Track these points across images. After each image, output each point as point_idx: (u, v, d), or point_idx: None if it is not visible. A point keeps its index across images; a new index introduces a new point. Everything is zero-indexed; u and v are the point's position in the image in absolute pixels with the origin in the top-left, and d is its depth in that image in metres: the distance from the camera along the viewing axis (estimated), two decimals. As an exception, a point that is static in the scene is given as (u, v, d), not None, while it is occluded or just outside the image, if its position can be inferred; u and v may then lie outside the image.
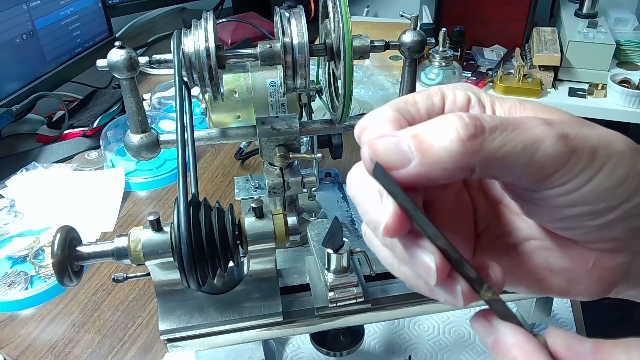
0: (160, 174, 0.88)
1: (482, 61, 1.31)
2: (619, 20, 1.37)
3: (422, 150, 0.21)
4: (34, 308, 0.66)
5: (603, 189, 0.22)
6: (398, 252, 0.23)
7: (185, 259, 0.39)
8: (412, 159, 0.21)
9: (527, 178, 0.22)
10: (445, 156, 0.20)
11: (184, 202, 0.40)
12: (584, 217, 0.23)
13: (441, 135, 0.21)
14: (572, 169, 0.21)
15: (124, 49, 0.52)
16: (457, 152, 0.20)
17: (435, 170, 0.21)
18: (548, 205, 0.23)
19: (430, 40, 0.56)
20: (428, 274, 0.22)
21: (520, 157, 0.21)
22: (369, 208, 0.23)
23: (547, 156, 0.21)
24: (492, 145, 0.21)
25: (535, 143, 0.21)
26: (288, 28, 0.50)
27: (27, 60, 0.95)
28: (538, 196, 0.23)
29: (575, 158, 0.21)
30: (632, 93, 1.16)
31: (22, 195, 0.83)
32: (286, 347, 0.61)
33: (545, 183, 0.22)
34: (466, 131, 0.20)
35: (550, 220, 0.25)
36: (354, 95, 0.94)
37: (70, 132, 1.00)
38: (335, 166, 0.87)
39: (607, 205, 0.22)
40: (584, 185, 0.22)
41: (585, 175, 0.22)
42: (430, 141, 0.21)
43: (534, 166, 0.21)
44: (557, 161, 0.21)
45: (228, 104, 0.62)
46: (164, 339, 0.46)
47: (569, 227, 0.24)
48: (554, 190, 0.22)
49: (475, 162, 0.21)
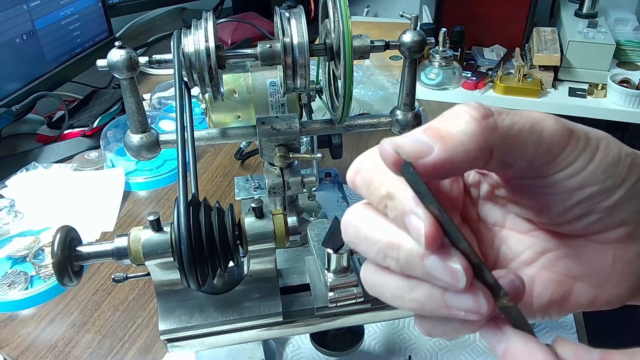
0: (160, 174, 0.88)
1: (482, 61, 1.31)
2: (619, 20, 1.37)
3: (440, 137, 0.21)
4: (34, 308, 0.66)
5: (605, 167, 0.23)
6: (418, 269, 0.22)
7: (185, 259, 0.39)
8: (434, 147, 0.21)
9: (539, 158, 0.23)
10: (466, 137, 0.21)
11: (184, 202, 0.40)
12: (595, 198, 0.23)
13: (456, 121, 0.22)
14: (575, 148, 0.23)
15: (124, 49, 0.52)
16: (476, 131, 0.21)
17: (459, 153, 0.21)
18: (560, 191, 0.24)
19: (430, 40, 0.56)
20: (456, 279, 0.21)
21: (531, 134, 0.22)
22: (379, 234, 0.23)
23: (553, 134, 0.22)
24: (505, 124, 0.22)
25: (539, 122, 0.22)
26: (288, 28, 0.50)
27: (27, 60, 0.95)
28: (550, 183, 0.24)
29: (575, 138, 0.23)
30: (632, 93, 1.16)
31: (22, 195, 0.83)
32: (286, 347, 0.61)
33: (555, 163, 0.23)
34: (478, 112, 0.22)
35: (564, 211, 0.25)
36: (354, 95, 0.94)
37: (70, 132, 1.00)
38: (335, 166, 0.87)
39: (613, 182, 0.23)
40: (588, 163, 0.23)
41: (587, 154, 0.23)
42: (446, 128, 0.21)
43: (544, 144, 0.22)
44: (562, 139, 0.22)
45: (228, 104, 0.62)
46: (164, 339, 0.46)
47: (583, 215, 0.24)
48: (564, 172, 0.23)
49: (493, 141, 0.22)
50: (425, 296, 0.23)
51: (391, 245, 0.23)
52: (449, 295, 0.22)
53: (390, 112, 0.62)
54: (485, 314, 0.22)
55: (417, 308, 0.24)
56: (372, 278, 0.25)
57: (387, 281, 0.24)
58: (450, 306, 0.22)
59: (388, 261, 0.23)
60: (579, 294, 0.26)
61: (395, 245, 0.23)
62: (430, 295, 0.23)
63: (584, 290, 0.26)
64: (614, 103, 1.19)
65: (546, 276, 0.26)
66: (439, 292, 0.23)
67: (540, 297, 0.26)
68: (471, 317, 0.22)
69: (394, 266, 0.23)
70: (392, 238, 0.23)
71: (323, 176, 0.84)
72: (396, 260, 0.23)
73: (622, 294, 0.26)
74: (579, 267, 0.26)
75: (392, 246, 0.23)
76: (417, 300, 0.23)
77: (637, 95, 1.15)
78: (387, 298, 0.24)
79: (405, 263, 0.23)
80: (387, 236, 0.23)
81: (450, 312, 0.23)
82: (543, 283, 0.26)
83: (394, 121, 0.61)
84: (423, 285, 0.23)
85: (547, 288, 0.26)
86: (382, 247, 0.23)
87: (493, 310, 0.22)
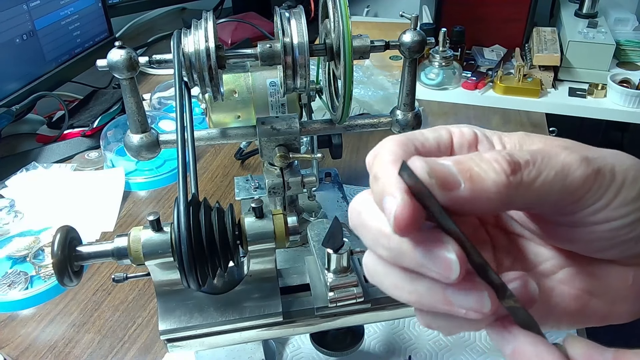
0: (160, 174, 0.88)
1: (482, 61, 1.31)
2: (619, 20, 1.37)
3: (469, 178, 0.21)
4: (34, 308, 0.66)
5: (630, 200, 0.23)
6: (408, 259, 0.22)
7: (185, 259, 0.39)
8: (461, 184, 0.21)
9: (563, 202, 0.22)
10: (493, 188, 0.21)
11: (184, 202, 0.40)
12: (620, 230, 0.23)
13: (488, 168, 0.21)
14: (600, 187, 0.23)
15: (124, 49, 0.52)
16: (504, 184, 0.21)
17: (482, 199, 0.21)
18: (585, 225, 0.23)
19: (430, 40, 0.56)
20: (448, 269, 0.21)
21: (555, 184, 0.22)
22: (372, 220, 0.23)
23: (577, 178, 0.22)
24: (530, 178, 0.22)
25: (564, 169, 0.22)
26: (288, 28, 0.50)
27: (27, 60, 0.95)
28: (575, 219, 0.23)
29: (601, 176, 0.23)
30: (632, 93, 1.16)
31: (22, 195, 0.83)
32: (286, 347, 0.61)
33: (580, 204, 0.23)
34: (509, 167, 0.21)
35: (589, 242, 0.24)
36: (354, 95, 0.94)
37: (70, 132, 1.00)
38: (335, 166, 0.87)
39: (637, 216, 0.23)
40: (614, 199, 0.23)
41: (613, 190, 0.23)
42: (477, 171, 0.21)
43: (568, 189, 0.22)
44: (587, 182, 0.22)
45: (228, 104, 0.62)
46: (164, 339, 0.46)
47: (608, 247, 0.24)
48: (589, 209, 0.23)
49: (516, 195, 0.21)
50: (426, 289, 0.23)
51: (381, 232, 0.22)
52: (450, 291, 0.22)
53: (390, 112, 0.62)
54: (488, 314, 0.22)
55: (417, 301, 0.23)
56: (373, 266, 0.24)
57: (388, 270, 0.24)
58: (452, 303, 0.22)
59: (380, 250, 0.23)
60: (594, 310, 0.26)
61: (385, 234, 0.22)
62: (430, 288, 0.22)
63: (600, 306, 0.26)
64: (614, 103, 1.19)
65: (564, 290, 0.26)
66: (440, 287, 0.22)
67: (555, 309, 0.26)
68: (472, 316, 0.22)
69: (386, 256, 0.23)
70: (384, 227, 0.22)
71: (323, 176, 0.84)
72: (387, 250, 0.22)
73: (635, 311, 0.26)
74: (598, 285, 0.26)
75: (382, 234, 0.22)
76: (417, 292, 0.23)
77: (637, 95, 1.15)
78: (387, 288, 0.24)
79: (397, 253, 0.22)
80: (379, 224, 0.22)
81: (451, 308, 0.22)
82: (560, 296, 0.26)
83: (394, 121, 0.61)
84: (424, 277, 0.22)
85: (563, 301, 0.26)
86: (374, 234, 0.23)
87: (497, 310, 0.22)
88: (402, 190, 0.21)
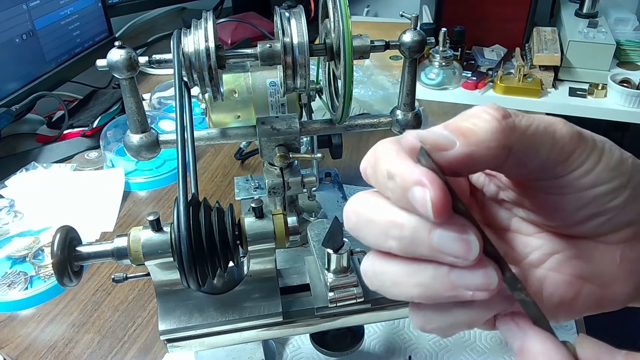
0: (160, 174, 0.88)
1: (482, 61, 1.31)
2: (619, 20, 1.37)
3: (462, 133, 0.22)
4: (33, 308, 0.66)
5: (612, 166, 0.24)
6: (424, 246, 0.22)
7: (185, 259, 0.39)
8: (456, 141, 0.21)
9: (553, 159, 0.23)
10: (488, 135, 0.22)
11: (183, 202, 0.40)
12: (605, 197, 0.24)
13: (477, 119, 0.22)
14: (585, 149, 0.24)
15: (124, 48, 0.52)
16: (497, 128, 0.22)
17: (481, 149, 0.21)
18: (573, 191, 0.24)
19: (430, 40, 0.56)
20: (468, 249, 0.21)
21: (546, 135, 0.23)
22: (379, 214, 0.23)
23: (564, 135, 0.23)
24: (522, 124, 0.22)
25: (552, 124, 0.23)
26: (288, 28, 0.50)
27: (26, 60, 0.95)
28: (563, 183, 0.24)
29: (584, 140, 0.24)
30: (632, 93, 1.16)
31: (22, 195, 0.83)
32: (286, 347, 0.61)
33: (568, 164, 0.23)
34: (498, 112, 0.22)
35: (577, 210, 0.25)
36: (354, 95, 0.94)
37: (70, 132, 0.99)
38: (335, 166, 0.87)
39: (620, 182, 0.24)
40: (597, 164, 0.24)
41: (595, 155, 0.24)
42: (467, 125, 0.22)
43: (557, 145, 0.23)
44: (572, 141, 0.23)
45: (228, 104, 0.62)
46: (164, 339, 0.46)
47: (593, 215, 0.25)
48: (576, 172, 0.24)
49: (513, 140, 0.22)
50: (430, 278, 0.22)
51: (393, 223, 0.22)
52: (455, 273, 0.22)
53: (390, 112, 0.62)
54: (494, 291, 0.22)
55: (421, 294, 0.23)
56: (372, 268, 0.24)
57: (388, 268, 0.23)
58: (457, 286, 0.22)
59: (389, 242, 0.23)
60: (587, 296, 0.26)
61: (397, 223, 0.22)
62: (434, 276, 0.22)
63: (592, 291, 0.26)
64: (614, 103, 1.19)
65: (556, 277, 0.26)
66: (444, 272, 0.22)
67: (550, 299, 0.26)
68: (480, 296, 0.22)
69: (396, 247, 0.23)
70: (395, 217, 0.22)
71: (323, 176, 0.84)
72: (399, 240, 0.22)
73: (628, 292, 0.26)
74: (588, 268, 0.26)
75: (394, 224, 0.22)
76: (421, 284, 0.23)
77: (637, 95, 1.15)
78: (388, 287, 0.24)
79: (409, 241, 0.22)
80: (389, 215, 0.22)
81: (457, 292, 0.22)
82: (553, 285, 0.26)
83: (394, 121, 0.61)
84: (427, 266, 0.22)
85: (557, 289, 0.26)
86: (383, 227, 0.23)
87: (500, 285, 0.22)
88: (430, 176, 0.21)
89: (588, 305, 0.27)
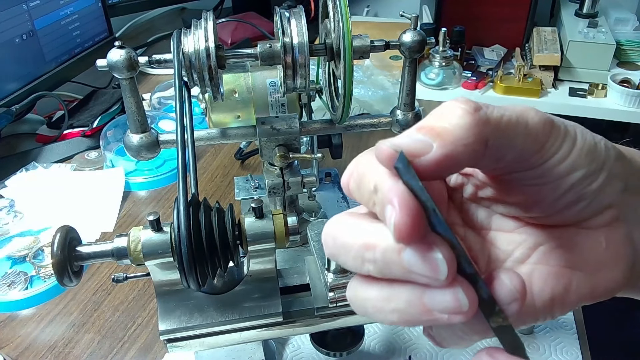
0: (160, 174, 0.88)
1: (482, 61, 1.31)
2: (619, 20, 1.37)
3: (437, 134, 0.21)
4: (33, 308, 0.66)
5: (586, 151, 0.24)
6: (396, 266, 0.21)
7: (185, 259, 0.39)
8: (432, 144, 0.21)
9: (528, 148, 0.23)
10: (463, 131, 0.21)
11: (184, 202, 0.40)
12: (583, 182, 0.24)
13: (449, 116, 0.22)
14: (558, 136, 0.23)
15: (124, 48, 0.52)
16: (471, 123, 0.21)
17: (458, 147, 0.21)
18: (551, 180, 0.24)
19: (430, 40, 0.56)
20: (436, 269, 0.21)
21: (519, 125, 0.22)
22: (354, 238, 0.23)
23: (537, 123, 0.23)
24: (494, 115, 0.22)
25: (523, 114, 0.23)
26: (288, 28, 0.50)
27: (27, 60, 0.95)
28: (540, 172, 0.24)
29: (556, 128, 0.24)
30: (632, 93, 1.16)
31: (22, 195, 0.83)
32: (286, 347, 0.61)
33: (543, 152, 0.23)
34: (469, 106, 0.22)
35: (556, 199, 0.25)
36: (354, 95, 0.94)
37: (70, 132, 0.99)
38: (335, 166, 0.87)
39: (596, 165, 0.24)
40: (572, 149, 0.24)
41: (569, 141, 0.24)
42: (441, 124, 0.21)
43: (531, 134, 0.23)
44: (545, 128, 0.23)
45: (228, 104, 0.62)
46: (164, 339, 0.46)
47: (573, 202, 0.25)
48: (552, 159, 0.23)
49: (488, 133, 0.22)
50: (405, 303, 0.22)
51: (366, 245, 0.22)
52: (427, 296, 0.21)
53: (390, 112, 0.62)
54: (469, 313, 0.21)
55: (399, 319, 0.23)
56: (355, 294, 0.24)
57: (368, 294, 0.23)
58: (430, 310, 0.21)
59: (366, 266, 0.22)
60: (579, 285, 0.26)
61: (370, 245, 0.22)
62: (408, 301, 0.22)
63: (583, 279, 0.26)
64: (614, 103, 1.19)
65: (543, 270, 0.26)
66: (417, 296, 0.22)
67: (542, 294, 0.26)
68: (455, 319, 0.21)
69: (373, 270, 0.22)
70: (367, 239, 0.22)
71: (323, 176, 0.84)
72: (374, 262, 0.22)
73: (619, 277, 0.26)
74: (574, 256, 0.26)
75: (367, 247, 0.22)
76: (397, 309, 0.22)
77: (637, 95, 1.15)
78: (372, 313, 0.24)
79: (383, 263, 0.22)
80: (362, 238, 0.22)
81: (432, 317, 0.22)
82: (541, 278, 0.26)
83: (394, 121, 0.61)
84: (401, 290, 0.22)
85: (547, 283, 0.26)
86: (358, 250, 0.22)
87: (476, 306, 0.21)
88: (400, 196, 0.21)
89: (581, 295, 0.26)
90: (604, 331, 1.20)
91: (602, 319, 1.01)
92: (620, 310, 1.30)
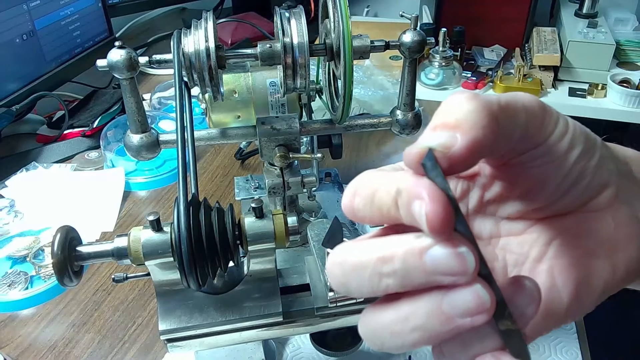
0: (160, 174, 0.88)
1: (482, 61, 1.31)
2: (619, 20, 1.37)
3: (455, 126, 0.21)
4: (34, 308, 0.66)
5: (579, 129, 0.25)
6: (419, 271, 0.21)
7: (185, 259, 0.39)
8: (456, 135, 0.21)
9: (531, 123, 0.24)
10: (476, 115, 0.21)
11: (184, 202, 0.40)
12: (583, 157, 0.25)
13: (455, 109, 0.22)
14: (552, 115, 0.24)
15: (124, 49, 0.52)
16: (479, 107, 0.22)
17: (479, 131, 0.21)
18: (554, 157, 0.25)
19: (430, 40, 0.56)
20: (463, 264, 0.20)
21: (517, 104, 0.23)
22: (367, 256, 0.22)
23: (531, 102, 0.24)
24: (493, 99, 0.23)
25: (515, 96, 0.24)
26: (288, 28, 0.50)
27: (27, 60, 0.95)
28: (544, 149, 0.24)
29: (547, 108, 0.25)
30: (632, 93, 1.16)
31: (22, 195, 0.83)
32: (286, 347, 0.61)
33: (544, 127, 0.24)
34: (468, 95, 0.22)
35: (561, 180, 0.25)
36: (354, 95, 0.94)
37: (70, 132, 1.00)
38: (335, 166, 0.87)
39: (591, 141, 0.25)
40: (567, 127, 0.25)
41: (562, 119, 0.25)
42: (454, 117, 0.22)
43: (529, 111, 0.24)
44: (540, 107, 0.24)
45: (228, 104, 0.62)
46: (164, 339, 0.46)
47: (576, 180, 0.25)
48: (553, 135, 0.24)
49: (496, 112, 0.22)
50: (424, 317, 0.21)
51: (383, 259, 0.21)
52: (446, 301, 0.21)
53: (390, 112, 0.62)
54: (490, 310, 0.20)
55: (421, 338, 0.22)
56: (369, 325, 0.23)
57: (384, 319, 0.22)
58: (452, 316, 0.21)
59: (384, 282, 0.22)
60: (600, 269, 0.26)
61: (387, 257, 0.21)
62: (428, 312, 0.21)
63: (602, 263, 0.26)
64: (614, 103, 1.19)
65: (563, 263, 0.26)
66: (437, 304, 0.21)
67: (567, 286, 0.26)
68: (480, 320, 0.21)
69: (392, 284, 0.21)
70: (383, 252, 0.21)
71: (323, 176, 0.84)
72: (393, 274, 0.21)
73: (636, 255, 0.27)
74: (588, 242, 0.26)
75: (384, 260, 0.21)
76: (417, 326, 0.21)
77: (637, 95, 1.15)
78: (390, 341, 0.23)
79: (403, 272, 0.21)
80: (377, 253, 0.22)
81: (454, 324, 0.21)
82: (563, 271, 0.26)
83: (394, 121, 0.61)
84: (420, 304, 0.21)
85: (569, 273, 0.26)
86: (374, 267, 0.22)
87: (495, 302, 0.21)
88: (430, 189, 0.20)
89: (604, 279, 0.26)
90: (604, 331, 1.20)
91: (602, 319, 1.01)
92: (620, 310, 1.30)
